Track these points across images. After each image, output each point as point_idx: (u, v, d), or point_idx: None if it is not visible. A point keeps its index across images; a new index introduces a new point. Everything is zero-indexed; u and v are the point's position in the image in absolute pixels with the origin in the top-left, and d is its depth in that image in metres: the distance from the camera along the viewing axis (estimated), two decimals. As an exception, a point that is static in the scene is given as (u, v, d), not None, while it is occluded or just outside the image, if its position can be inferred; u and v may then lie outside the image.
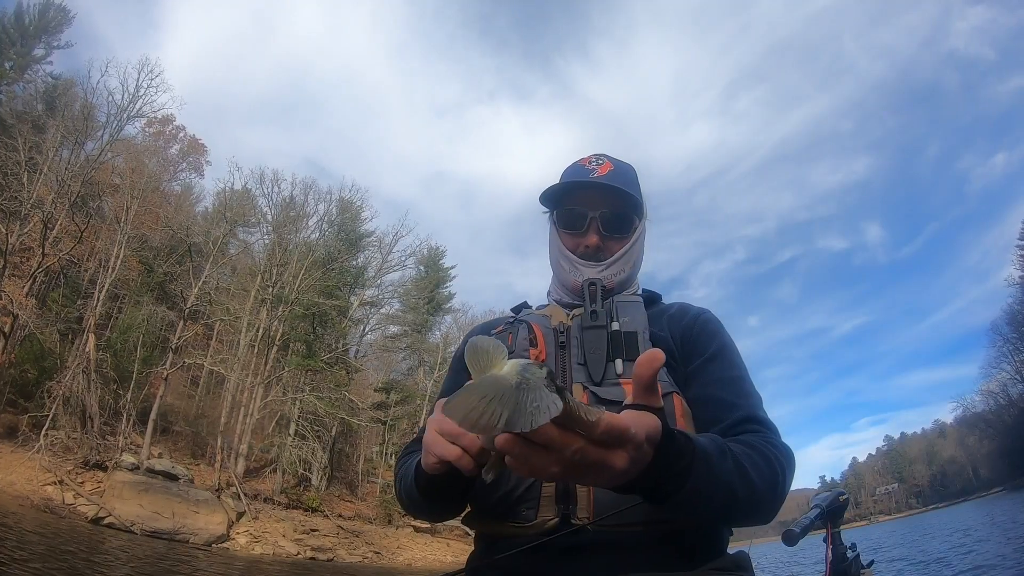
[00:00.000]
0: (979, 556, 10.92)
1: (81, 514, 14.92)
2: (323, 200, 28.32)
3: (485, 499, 1.00)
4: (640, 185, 1.28)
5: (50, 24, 36.08)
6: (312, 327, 25.86)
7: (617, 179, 1.21)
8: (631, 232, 1.23)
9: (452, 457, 0.74)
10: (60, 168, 20.72)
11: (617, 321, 1.11)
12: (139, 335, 20.66)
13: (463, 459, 0.73)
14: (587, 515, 0.91)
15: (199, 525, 16.53)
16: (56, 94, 26.84)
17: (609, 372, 1.04)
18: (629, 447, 0.56)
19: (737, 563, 0.96)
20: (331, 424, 24.45)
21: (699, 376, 1.07)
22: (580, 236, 1.21)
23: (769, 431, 0.97)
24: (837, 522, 2.07)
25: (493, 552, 0.97)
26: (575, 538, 0.90)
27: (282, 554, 17.47)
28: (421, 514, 1.06)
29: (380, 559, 20.36)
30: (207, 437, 21.93)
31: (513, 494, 0.96)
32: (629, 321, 1.12)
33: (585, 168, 1.23)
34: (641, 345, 1.07)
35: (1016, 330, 53.14)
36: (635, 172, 1.29)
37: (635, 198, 1.22)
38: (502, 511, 0.98)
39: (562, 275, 1.25)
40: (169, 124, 35.35)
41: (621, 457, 0.56)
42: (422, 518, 1.11)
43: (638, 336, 1.09)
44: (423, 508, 1.01)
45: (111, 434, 19.16)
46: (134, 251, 23.45)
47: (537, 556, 0.90)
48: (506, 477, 0.96)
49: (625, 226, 1.23)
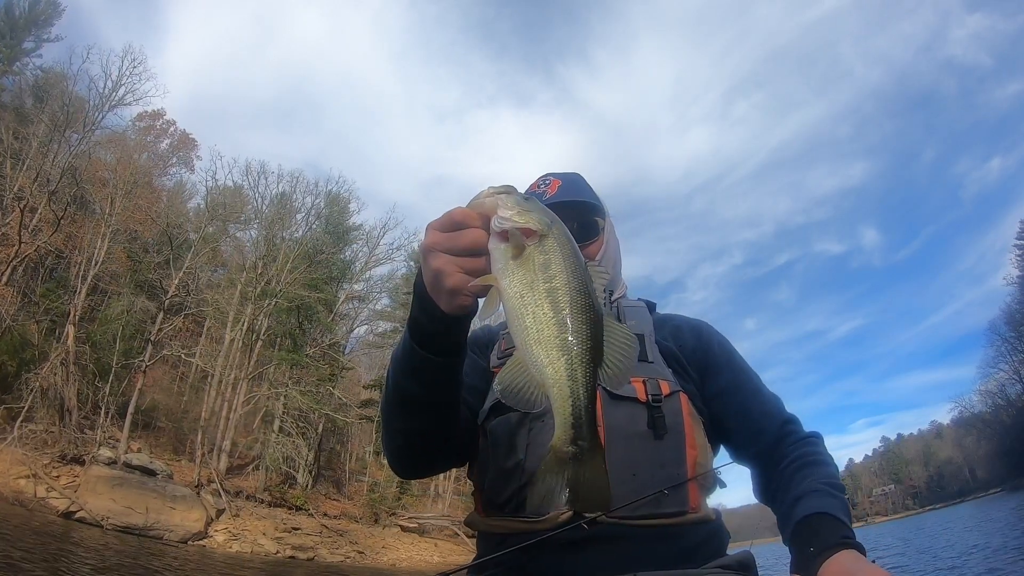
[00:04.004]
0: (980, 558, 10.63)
1: (52, 508, 14.57)
2: (310, 193, 28.01)
3: (496, 496, 1.04)
4: (592, 187, 1.33)
5: (40, 17, 35.80)
6: (298, 321, 25.51)
7: (569, 192, 1.27)
8: (600, 233, 1.28)
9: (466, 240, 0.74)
10: (39, 155, 20.32)
11: (624, 323, 1.16)
12: (119, 327, 20.25)
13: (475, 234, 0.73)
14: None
15: (175, 522, 16.12)
16: (45, 86, 26.55)
17: None
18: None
19: (741, 562, 1.00)
20: (317, 421, 24.09)
21: (726, 393, 1.16)
22: None
23: (800, 427, 1.16)
24: None
25: (503, 548, 0.97)
26: (585, 531, 0.92)
27: (260, 552, 17.07)
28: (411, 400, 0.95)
29: (363, 559, 19.95)
30: (189, 433, 21.53)
31: (523, 492, 0.99)
32: (636, 324, 1.17)
33: (536, 194, 1.26)
34: (648, 348, 1.13)
35: (1014, 330, 52.84)
36: (583, 178, 1.34)
37: (591, 203, 1.28)
38: (514, 508, 1.00)
39: None
40: (159, 118, 35.10)
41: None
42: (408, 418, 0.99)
43: (645, 338, 1.14)
44: (416, 382, 0.92)
45: (90, 428, 18.81)
46: (121, 244, 23.13)
47: (547, 551, 0.93)
48: (517, 474, 1.01)
49: (592, 230, 1.27)
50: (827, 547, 0.85)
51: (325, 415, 23.91)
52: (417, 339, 0.86)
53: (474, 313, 0.82)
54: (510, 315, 0.68)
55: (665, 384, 1.07)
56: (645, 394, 1.04)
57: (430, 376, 0.90)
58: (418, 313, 0.84)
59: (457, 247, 0.74)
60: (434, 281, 0.76)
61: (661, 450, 1.02)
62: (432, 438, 1.02)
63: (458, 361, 0.92)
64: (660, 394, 1.05)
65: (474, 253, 0.73)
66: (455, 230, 0.74)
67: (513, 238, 0.68)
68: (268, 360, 24.02)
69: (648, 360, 1.12)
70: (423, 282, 0.79)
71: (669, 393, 1.06)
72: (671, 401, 1.06)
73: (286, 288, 23.69)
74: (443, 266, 0.74)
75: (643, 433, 1.03)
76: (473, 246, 0.73)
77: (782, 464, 1.09)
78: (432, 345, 0.86)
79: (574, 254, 0.69)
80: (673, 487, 1.00)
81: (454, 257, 0.74)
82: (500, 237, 0.70)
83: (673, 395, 1.06)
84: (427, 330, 0.84)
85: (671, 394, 1.06)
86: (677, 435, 1.04)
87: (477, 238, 0.73)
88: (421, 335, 0.86)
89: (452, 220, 0.74)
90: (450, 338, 0.86)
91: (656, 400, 1.04)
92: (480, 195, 0.75)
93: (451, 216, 0.75)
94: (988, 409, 61.76)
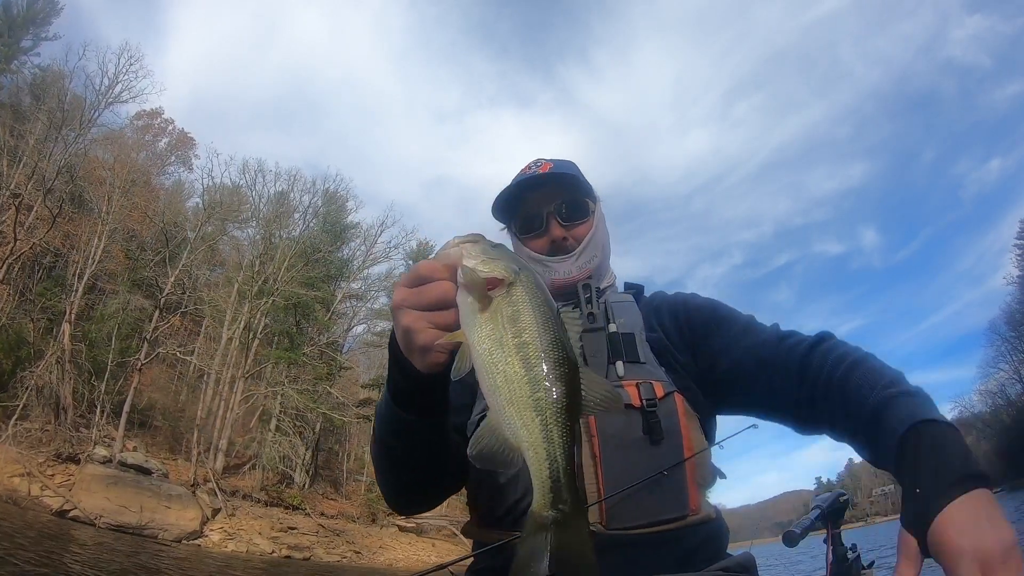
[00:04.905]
0: None
1: (46, 506, 14.49)
2: (308, 192, 27.95)
3: (492, 511, 1.02)
4: (585, 176, 1.29)
5: (38, 15, 35.74)
6: (296, 320, 25.44)
7: (560, 168, 1.23)
8: (590, 215, 1.24)
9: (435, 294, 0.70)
10: (35, 153, 20.27)
11: (614, 322, 1.11)
12: (115, 325, 20.17)
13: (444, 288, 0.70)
14: (599, 519, 0.92)
15: (170, 521, 16.02)
16: (43, 85, 26.46)
17: (611, 375, 1.05)
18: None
19: (742, 564, 0.99)
20: (314, 420, 24.00)
21: (725, 351, 1.08)
22: (542, 235, 1.22)
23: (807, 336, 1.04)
24: (838, 523, 2.06)
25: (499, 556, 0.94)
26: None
27: (256, 552, 16.97)
28: (398, 458, 0.97)
29: (360, 559, 19.85)
30: (186, 432, 21.44)
31: (524, 501, 0.95)
32: (625, 322, 1.12)
33: (526, 174, 1.24)
34: (639, 346, 1.09)
35: (1014, 330, 52.71)
36: (576, 165, 1.30)
37: (583, 182, 1.24)
38: (510, 522, 0.98)
39: None
40: (157, 117, 35.06)
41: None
42: (398, 472, 1.01)
43: (636, 337, 1.10)
44: (400, 442, 0.93)
45: (86, 426, 18.73)
46: (119, 243, 23.07)
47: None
48: (512, 487, 0.98)
49: (582, 210, 1.23)
50: (941, 490, 0.69)
51: (322, 414, 23.83)
52: (397, 399, 0.85)
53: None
54: (480, 373, 0.65)
55: (659, 386, 1.04)
56: (639, 398, 1.01)
57: (414, 437, 0.90)
58: (395, 373, 0.82)
59: (424, 302, 0.70)
60: (405, 340, 0.74)
61: (658, 456, 0.99)
62: (424, 485, 1.03)
63: (442, 420, 0.90)
64: (655, 397, 1.01)
65: (443, 307, 0.70)
66: (421, 284, 0.71)
67: (475, 290, 0.65)
68: (265, 359, 23.94)
69: (640, 361, 1.08)
70: (396, 341, 0.77)
71: (664, 395, 1.03)
72: (666, 403, 1.02)
73: (283, 287, 23.62)
74: (412, 323, 0.71)
75: (639, 440, 1.00)
76: (440, 300, 0.70)
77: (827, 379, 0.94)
78: (412, 405, 0.85)
79: (545, 303, 0.66)
80: (672, 490, 0.97)
81: (423, 313, 0.71)
82: (466, 289, 0.67)
83: (668, 396, 1.03)
84: (405, 390, 0.83)
85: (665, 396, 1.02)
86: (674, 438, 1.01)
87: (445, 291, 0.69)
88: (400, 395, 0.84)
89: (418, 275, 0.72)
90: (431, 396, 0.84)
91: (651, 405, 1.00)
92: (447, 245, 0.73)
93: (417, 270, 0.72)
94: (988, 409, 61.66)
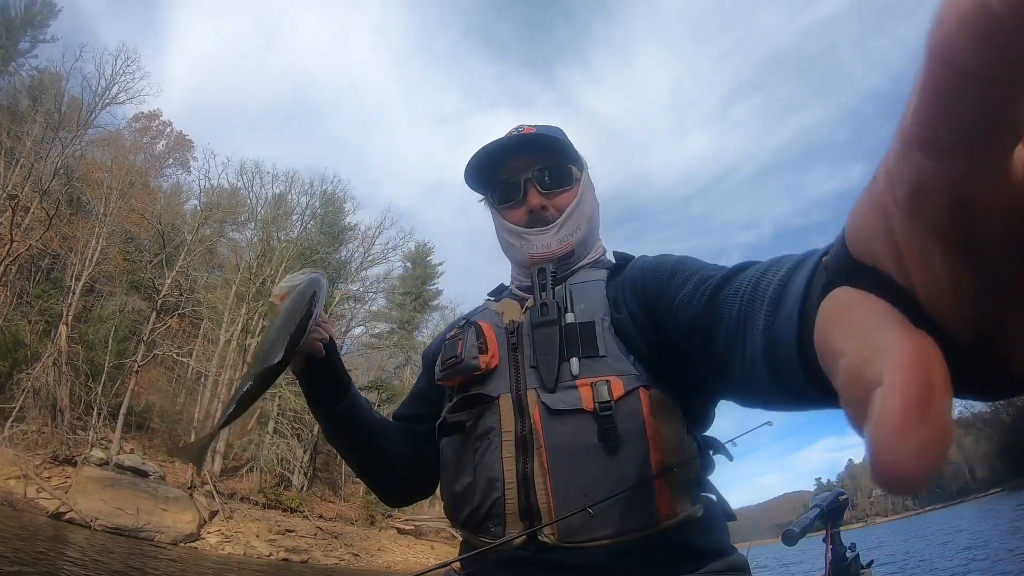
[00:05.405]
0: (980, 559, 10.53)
1: (41, 508, 14.41)
2: (305, 193, 27.92)
3: (457, 514, 1.01)
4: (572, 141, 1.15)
5: (36, 17, 35.75)
6: (294, 322, 25.36)
7: (542, 131, 1.10)
8: (574, 183, 1.11)
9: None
10: (32, 154, 20.25)
11: (572, 311, 0.98)
12: (112, 327, 20.13)
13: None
14: (552, 532, 0.88)
15: (166, 523, 15.94)
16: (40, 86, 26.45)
17: (564, 374, 0.93)
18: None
19: (732, 567, 0.92)
20: (312, 422, 23.94)
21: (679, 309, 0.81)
22: (520, 204, 1.10)
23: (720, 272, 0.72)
24: (837, 522, 2.10)
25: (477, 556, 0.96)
26: (548, 555, 0.88)
27: (253, 554, 16.88)
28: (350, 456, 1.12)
29: (358, 561, 19.77)
30: (183, 434, 21.38)
31: (480, 510, 0.94)
32: (585, 308, 0.99)
33: (508, 137, 1.12)
34: (600, 337, 0.94)
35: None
36: (562, 130, 1.16)
37: (568, 145, 1.11)
38: (474, 526, 0.96)
39: (515, 255, 1.13)
40: (155, 119, 35.08)
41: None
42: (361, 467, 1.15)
43: (596, 327, 0.96)
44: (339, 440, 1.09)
45: (82, 429, 18.67)
46: (116, 245, 23.05)
47: (511, 570, 0.91)
48: (471, 493, 0.96)
49: (565, 177, 1.10)
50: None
51: (320, 416, 23.76)
52: (309, 400, 1.06)
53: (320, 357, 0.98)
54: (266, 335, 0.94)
55: (618, 382, 0.90)
56: (592, 401, 0.89)
57: (339, 425, 1.07)
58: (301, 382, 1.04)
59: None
60: None
61: (617, 464, 0.87)
62: (388, 473, 1.13)
63: (350, 402, 1.05)
64: (610, 399, 0.89)
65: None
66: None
67: (273, 300, 0.97)
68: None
69: (599, 354, 0.93)
70: None
71: (624, 393, 0.89)
72: (626, 403, 0.89)
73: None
74: None
75: (593, 448, 0.88)
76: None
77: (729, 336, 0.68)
78: (319, 400, 1.05)
79: (292, 306, 0.91)
80: (637, 499, 0.85)
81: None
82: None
83: (629, 394, 0.89)
84: (308, 391, 1.05)
85: (627, 393, 0.89)
86: (634, 443, 0.88)
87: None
88: (308, 397, 1.06)
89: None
90: (321, 382, 1.02)
91: (605, 408, 0.88)
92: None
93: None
94: (988, 409, 61.72)
